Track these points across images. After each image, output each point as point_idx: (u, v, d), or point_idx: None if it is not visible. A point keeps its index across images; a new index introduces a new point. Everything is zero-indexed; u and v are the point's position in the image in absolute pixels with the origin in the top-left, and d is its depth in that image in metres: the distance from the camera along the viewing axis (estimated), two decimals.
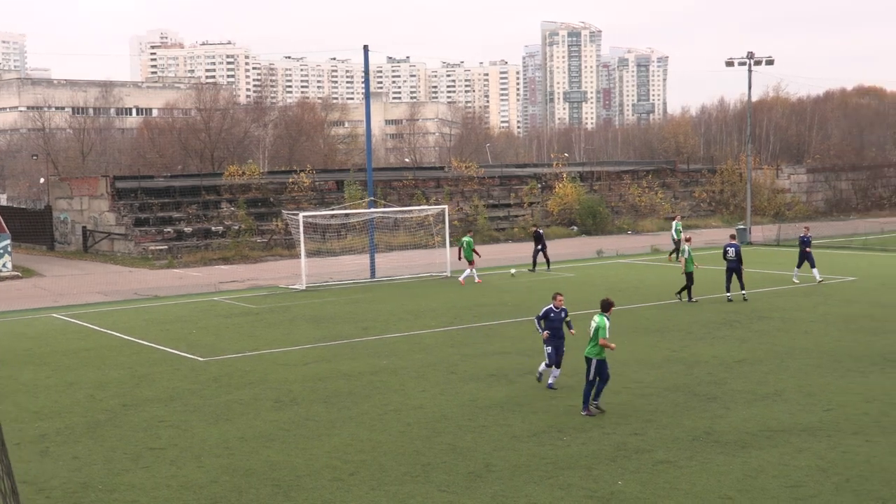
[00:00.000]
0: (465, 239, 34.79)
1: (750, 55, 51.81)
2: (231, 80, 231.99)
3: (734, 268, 27.31)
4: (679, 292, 28.15)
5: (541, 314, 17.25)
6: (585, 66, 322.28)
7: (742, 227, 50.32)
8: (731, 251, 27.41)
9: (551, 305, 17.09)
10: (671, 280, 33.83)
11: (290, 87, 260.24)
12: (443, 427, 14.70)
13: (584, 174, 66.76)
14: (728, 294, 27.53)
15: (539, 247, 37.62)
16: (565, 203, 60.05)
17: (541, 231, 38.65)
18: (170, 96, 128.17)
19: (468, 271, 34.26)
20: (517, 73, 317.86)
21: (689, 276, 27.69)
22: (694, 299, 27.68)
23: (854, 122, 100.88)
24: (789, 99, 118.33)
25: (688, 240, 29.39)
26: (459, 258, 35.41)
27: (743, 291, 27.59)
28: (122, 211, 49.77)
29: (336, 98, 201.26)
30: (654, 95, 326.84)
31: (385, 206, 46.33)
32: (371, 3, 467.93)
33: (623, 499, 11.36)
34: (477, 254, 34.65)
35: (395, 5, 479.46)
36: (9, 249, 42.17)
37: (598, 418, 15.00)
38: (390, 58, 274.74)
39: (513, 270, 35.24)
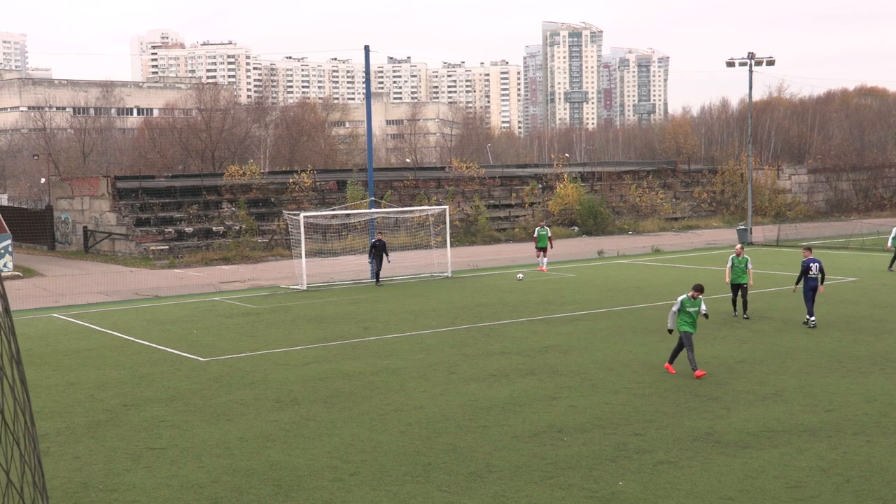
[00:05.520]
0: (541, 230, 38.04)
1: (751, 55, 51.81)
2: (232, 80, 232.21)
3: (816, 286, 23.34)
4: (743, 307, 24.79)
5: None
6: (586, 67, 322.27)
7: (743, 227, 50.34)
8: (815, 267, 23.41)
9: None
10: (672, 280, 33.85)
11: (290, 87, 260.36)
12: (443, 427, 14.69)
13: (585, 174, 66.76)
14: (812, 318, 23.21)
15: (371, 258, 35.31)
16: (566, 203, 60.06)
17: (384, 241, 35.50)
18: (171, 96, 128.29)
19: (543, 259, 37.68)
20: (518, 73, 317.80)
21: (738, 289, 24.77)
22: (746, 315, 24.57)
23: (855, 123, 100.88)
24: (791, 100, 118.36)
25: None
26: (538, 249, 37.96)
27: (813, 317, 23.42)
28: (123, 211, 49.78)
29: (337, 98, 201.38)
30: (655, 96, 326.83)
31: (387, 206, 46.34)
32: (371, 3, 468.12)
33: (624, 499, 11.35)
34: (550, 244, 37.93)
35: (395, 5, 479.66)
36: (10, 249, 42.18)
37: (598, 419, 14.99)
38: (391, 58, 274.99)
39: (520, 275, 35.20)
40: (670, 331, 18.28)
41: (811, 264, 23.48)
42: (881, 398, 15.94)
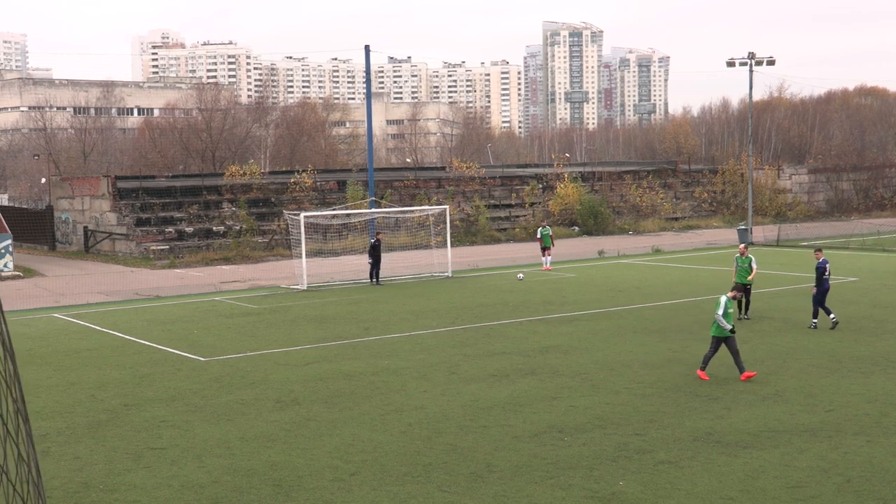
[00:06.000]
0: (544, 230, 38.90)
1: (751, 55, 51.80)
2: (232, 80, 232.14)
3: (829, 288, 23.09)
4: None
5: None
6: (587, 67, 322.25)
7: (743, 227, 50.34)
8: (828, 268, 23.14)
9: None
10: (672, 281, 33.85)
11: (291, 87, 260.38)
12: (444, 427, 14.69)
13: (586, 174, 66.75)
14: (816, 321, 23.03)
15: (371, 260, 35.11)
16: (566, 203, 60.06)
17: (380, 240, 35.57)
18: (171, 96, 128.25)
19: (548, 258, 38.49)
20: (518, 73, 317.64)
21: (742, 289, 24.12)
22: (747, 316, 24.32)
23: (856, 123, 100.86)
24: (791, 100, 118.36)
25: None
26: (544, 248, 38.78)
27: (817, 320, 23.24)
28: (124, 211, 49.79)
29: (337, 98, 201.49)
30: (655, 96, 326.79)
31: (387, 206, 46.34)
32: (371, 3, 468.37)
33: (624, 499, 11.35)
34: (552, 242, 38.77)
35: (395, 5, 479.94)
36: (10, 249, 42.19)
37: (599, 419, 14.99)
38: (392, 58, 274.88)
39: (520, 275, 35.21)
40: (733, 331, 17.41)
41: (827, 264, 23.24)
42: (882, 398, 15.93)
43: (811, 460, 12.66)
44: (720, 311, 17.39)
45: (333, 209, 45.90)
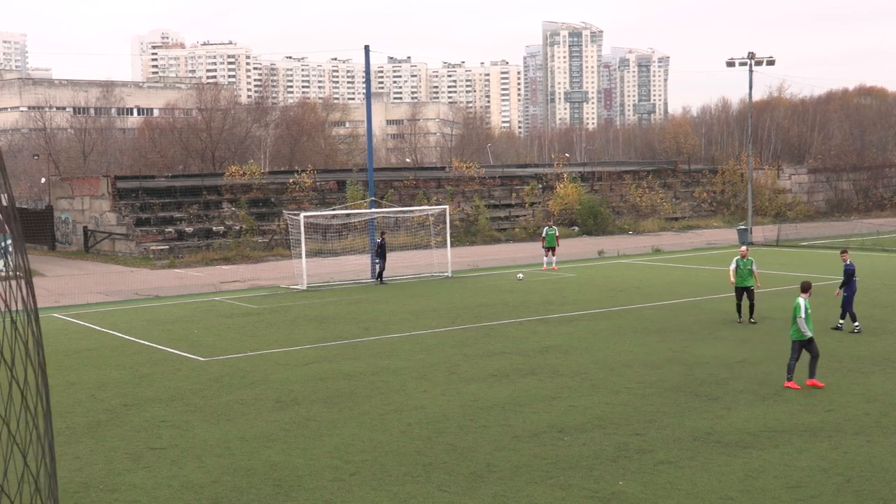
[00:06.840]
0: (550, 229, 38.69)
1: (751, 55, 51.78)
2: (232, 80, 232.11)
3: (856, 290, 22.73)
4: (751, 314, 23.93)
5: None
6: (586, 67, 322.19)
7: (743, 227, 50.33)
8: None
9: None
10: (672, 281, 33.85)
11: (291, 87, 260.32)
12: (444, 427, 14.69)
13: (585, 174, 66.74)
14: (856, 324, 22.33)
15: (377, 259, 35.04)
16: (566, 203, 60.04)
17: (382, 241, 35.53)
18: (171, 96, 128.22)
19: (552, 258, 38.37)
20: (518, 73, 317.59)
21: (742, 293, 23.91)
22: (753, 319, 23.79)
23: (855, 123, 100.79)
24: (791, 99, 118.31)
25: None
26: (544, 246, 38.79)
27: (850, 324, 22.72)
28: (124, 211, 49.78)
29: (337, 98, 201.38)
30: (655, 96, 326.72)
31: (387, 206, 46.33)
32: (371, 3, 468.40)
33: (624, 499, 11.35)
34: (557, 242, 38.60)
35: (395, 5, 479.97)
36: (10, 249, 42.13)
37: (599, 419, 14.99)
38: (391, 58, 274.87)
39: (520, 274, 35.21)
40: (811, 339, 16.90)
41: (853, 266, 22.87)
42: (882, 398, 15.94)
43: (811, 460, 12.66)
44: (802, 314, 16.82)
45: (333, 209, 45.89)
